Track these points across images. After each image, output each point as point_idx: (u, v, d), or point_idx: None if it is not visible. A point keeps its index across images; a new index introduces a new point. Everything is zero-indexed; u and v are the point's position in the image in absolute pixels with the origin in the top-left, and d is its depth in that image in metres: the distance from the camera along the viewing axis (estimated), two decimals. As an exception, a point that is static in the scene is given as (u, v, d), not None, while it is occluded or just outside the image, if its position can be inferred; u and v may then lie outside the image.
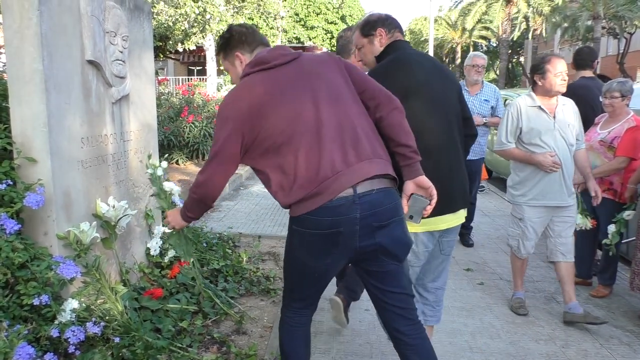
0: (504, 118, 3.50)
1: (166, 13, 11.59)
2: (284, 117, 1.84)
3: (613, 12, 23.46)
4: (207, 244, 3.89)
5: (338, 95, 1.91)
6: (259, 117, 1.84)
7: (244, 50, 2.06)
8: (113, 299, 2.42)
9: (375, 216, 1.82)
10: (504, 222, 6.14)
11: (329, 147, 1.82)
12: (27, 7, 2.14)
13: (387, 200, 1.86)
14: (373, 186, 1.83)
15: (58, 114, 2.28)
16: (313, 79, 1.91)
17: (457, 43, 40.17)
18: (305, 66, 1.94)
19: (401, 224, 1.91)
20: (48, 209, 2.24)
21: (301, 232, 1.88)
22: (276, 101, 1.85)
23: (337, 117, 1.86)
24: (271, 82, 1.89)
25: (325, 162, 1.80)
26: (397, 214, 1.89)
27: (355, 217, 1.80)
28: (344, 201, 1.79)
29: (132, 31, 2.95)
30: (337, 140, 1.83)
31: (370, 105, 1.98)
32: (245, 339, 2.86)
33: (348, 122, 1.87)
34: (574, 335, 3.23)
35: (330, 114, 1.86)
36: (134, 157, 3.05)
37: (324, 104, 1.87)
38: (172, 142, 8.52)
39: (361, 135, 1.87)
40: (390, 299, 2.00)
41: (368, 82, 2.02)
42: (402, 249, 1.94)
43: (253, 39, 2.07)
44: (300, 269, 1.98)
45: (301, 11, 28.42)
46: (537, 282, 4.14)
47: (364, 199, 1.80)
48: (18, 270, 2.09)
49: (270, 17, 16.72)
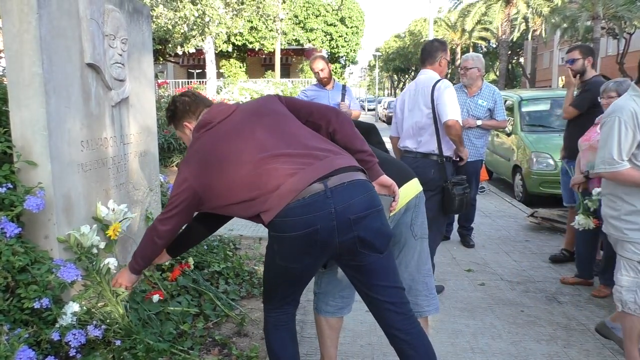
0: (612, 129, 2.55)
1: (165, 16, 11.61)
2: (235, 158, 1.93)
3: (612, 13, 23.49)
4: (207, 247, 3.89)
5: (276, 121, 2.01)
6: (209, 172, 1.96)
7: (190, 119, 2.18)
8: (114, 302, 2.42)
9: (350, 208, 1.82)
10: (504, 222, 6.14)
11: (286, 160, 1.87)
12: (27, 11, 2.15)
13: (359, 191, 1.87)
14: (343, 179, 1.84)
15: (58, 117, 2.28)
16: (251, 116, 2.04)
17: (456, 44, 40.21)
18: (243, 110, 2.08)
19: (379, 215, 1.91)
20: (48, 213, 2.24)
21: (279, 237, 1.87)
22: (224, 154, 1.95)
23: (286, 142, 1.93)
24: (220, 136, 2.01)
25: (286, 168, 1.85)
26: (373, 204, 1.89)
27: (331, 212, 1.79)
28: (316, 197, 1.79)
29: (131, 34, 2.95)
30: (291, 155, 1.89)
31: (322, 124, 2.08)
32: (246, 341, 2.86)
33: (293, 138, 1.95)
34: (575, 336, 3.22)
35: (277, 141, 1.93)
36: (134, 160, 3.05)
37: (266, 132, 1.96)
38: (172, 145, 8.52)
39: (310, 143, 1.95)
40: (378, 293, 1.99)
41: (310, 106, 2.16)
42: (381, 240, 1.92)
43: (196, 106, 2.18)
44: (282, 272, 1.99)
45: (300, 13, 28.43)
46: (538, 283, 4.14)
47: (336, 191, 1.81)
48: (18, 274, 2.09)
49: (269, 19, 16.74)
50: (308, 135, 2.00)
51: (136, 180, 3.09)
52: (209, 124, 2.05)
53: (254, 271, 3.81)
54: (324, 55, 6.18)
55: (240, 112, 2.08)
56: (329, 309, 2.44)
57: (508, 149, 8.05)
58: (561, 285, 4.09)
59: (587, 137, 3.89)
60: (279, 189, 1.82)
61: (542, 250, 5.04)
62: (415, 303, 2.44)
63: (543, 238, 5.49)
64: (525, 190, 7.35)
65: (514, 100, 8.24)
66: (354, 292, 2.47)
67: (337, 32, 29.94)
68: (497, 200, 7.49)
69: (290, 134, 1.97)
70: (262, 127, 1.98)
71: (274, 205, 1.82)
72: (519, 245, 5.21)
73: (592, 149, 3.73)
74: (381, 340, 3.17)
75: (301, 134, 1.99)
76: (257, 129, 1.97)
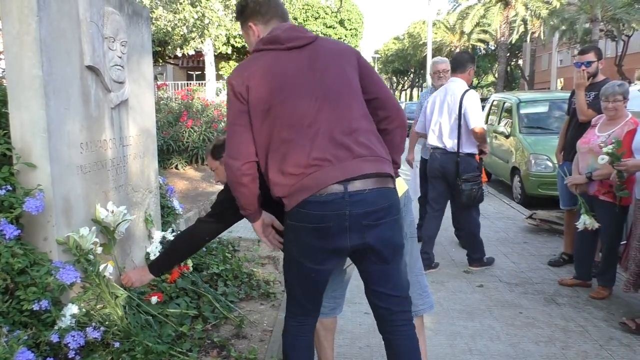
0: None
1: (165, 18, 11.61)
2: (282, 111, 1.85)
3: (611, 15, 23.53)
4: (206, 249, 3.89)
5: (340, 94, 1.90)
6: (258, 101, 1.86)
7: (258, 21, 2.03)
8: (113, 304, 2.42)
9: (366, 215, 1.82)
10: (503, 224, 6.15)
11: (322, 143, 1.83)
12: (27, 13, 2.15)
13: (380, 200, 1.85)
14: (366, 186, 1.82)
15: (57, 119, 2.29)
16: (320, 73, 1.89)
17: (455, 46, 40.23)
18: (317, 55, 1.92)
19: (393, 224, 1.90)
20: (47, 215, 2.24)
21: (293, 225, 1.90)
22: (275, 94, 1.86)
23: (335, 116, 1.86)
24: (278, 69, 1.88)
25: (315, 155, 1.82)
26: (390, 214, 1.87)
27: (345, 214, 1.80)
28: (333, 197, 1.79)
29: (130, 36, 2.96)
30: (331, 138, 1.84)
31: (380, 114, 1.99)
32: (245, 342, 2.86)
33: (345, 122, 1.87)
34: (573, 337, 3.23)
35: (328, 112, 1.86)
36: (133, 162, 3.06)
37: (324, 103, 1.86)
38: (171, 147, 8.52)
39: (357, 135, 1.87)
40: (375, 297, 2.01)
41: (381, 89, 2.01)
42: (390, 250, 1.91)
43: (268, 9, 2.02)
44: (296, 270, 1.99)
45: (300, 15, 28.45)
46: (536, 284, 4.15)
47: (355, 197, 1.80)
48: (18, 276, 2.09)
49: (268, 21, 16.69)
50: (358, 120, 1.90)
51: (135, 182, 3.09)
52: (278, 43, 1.91)
53: (253, 273, 3.81)
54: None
55: (314, 53, 1.91)
56: (322, 310, 2.44)
57: (506, 150, 8.06)
58: (559, 286, 4.10)
59: (586, 140, 3.90)
60: (301, 180, 1.81)
61: (541, 252, 5.05)
62: None
63: (541, 240, 5.50)
64: (524, 192, 7.37)
65: (512, 102, 8.26)
66: (344, 292, 2.49)
67: (336, 34, 29.94)
68: (496, 202, 7.50)
69: (343, 110, 1.88)
70: (324, 96, 1.87)
71: (293, 194, 1.84)
72: (518, 247, 5.22)
73: (592, 152, 3.74)
74: (380, 342, 3.16)
75: (352, 116, 1.89)
76: (320, 94, 1.87)
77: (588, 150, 3.78)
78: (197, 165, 8.94)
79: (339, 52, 1.97)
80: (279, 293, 3.56)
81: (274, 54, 1.91)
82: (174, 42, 12.77)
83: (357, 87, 1.94)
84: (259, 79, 1.87)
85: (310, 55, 1.91)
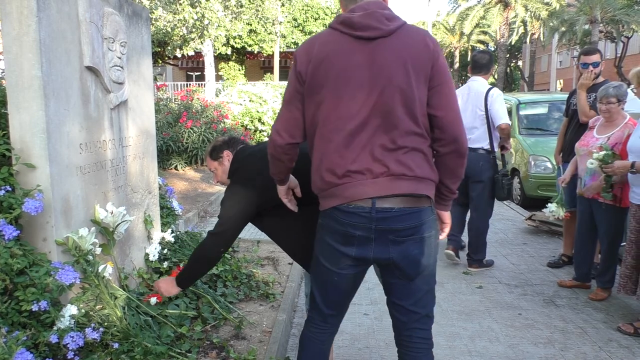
0: None
1: (164, 19, 11.61)
2: (330, 108, 1.79)
3: (610, 16, 23.57)
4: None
5: (391, 105, 1.74)
6: (313, 87, 1.80)
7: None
8: (112, 305, 2.42)
9: (391, 232, 1.79)
10: (502, 225, 6.15)
11: (360, 155, 1.77)
12: (26, 13, 2.15)
13: (408, 220, 1.79)
14: (395, 204, 1.76)
15: (57, 120, 2.29)
16: (377, 76, 1.74)
17: (455, 47, 40.29)
18: (382, 54, 1.74)
19: (420, 243, 1.83)
20: (47, 215, 2.24)
21: (322, 225, 1.92)
22: (329, 87, 1.78)
23: (381, 129, 1.76)
24: (340, 59, 1.76)
25: (350, 168, 1.78)
26: (417, 232, 1.81)
27: (371, 228, 1.79)
28: (360, 210, 1.78)
29: (130, 37, 2.96)
30: (371, 152, 1.76)
31: (435, 134, 1.81)
32: (244, 343, 2.86)
33: (390, 137, 1.76)
34: (572, 339, 3.23)
35: (374, 123, 1.75)
36: (132, 163, 3.06)
37: (373, 111, 1.75)
38: (170, 147, 8.52)
39: (400, 153, 1.76)
40: (398, 312, 1.98)
41: (444, 108, 1.78)
42: (414, 267, 1.85)
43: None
44: (318, 270, 2.00)
45: (299, 16, 28.43)
46: (535, 286, 4.15)
47: (381, 214, 1.77)
48: (17, 276, 2.09)
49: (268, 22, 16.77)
50: (406, 137, 1.76)
51: (135, 183, 3.09)
52: (350, 28, 1.76)
53: (252, 274, 3.81)
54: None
55: (385, 49, 1.74)
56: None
57: (506, 152, 8.06)
58: (559, 288, 4.10)
59: (584, 143, 3.90)
60: (333, 188, 1.81)
61: (540, 253, 5.05)
62: None
63: (541, 241, 5.50)
64: (523, 193, 7.37)
65: (512, 103, 8.26)
66: None
67: (336, 35, 29.93)
68: (495, 203, 7.49)
69: (391, 123, 1.75)
70: (374, 98, 1.74)
71: (325, 198, 1.86)
72: (517, 249, 5.22)
73: (591, 155, 3.74)
74: (379, 343, 3.17)
75: (400, 131, 1.75)
76: (368, 95, 1.74)
77: (587, 152, 3.78)
78: (197, 166, 8.95)
79: (412, 54, 1.74)
80: (278, 294, 3.56)
81: (343, 38, 1.77)
82: (174, 42, 12.77)
83: (415, 99, 1.75)
84: (319, 63, 1.78)
85: (375, 52, 1.74)
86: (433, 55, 1.76)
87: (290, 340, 3.22)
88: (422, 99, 1.76)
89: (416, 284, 1.90)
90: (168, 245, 3.38)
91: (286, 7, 17.95)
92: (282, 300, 3.47)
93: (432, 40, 1.79)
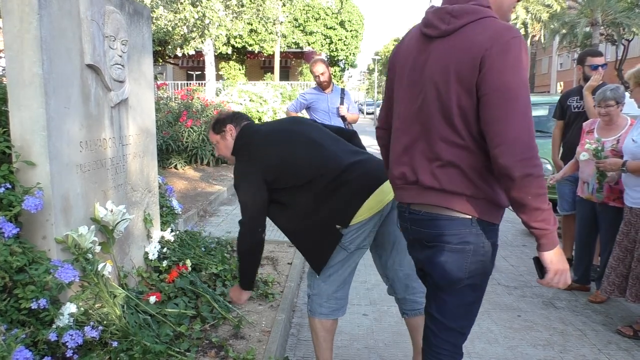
0: None
1: (165, 18, 11.61)
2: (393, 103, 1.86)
3: (611, 19, 23.59)
4: (205, 249, 3.89)
5: (430, 113, 1.65)
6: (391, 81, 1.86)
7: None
8: (111, 303, 2.42)
9: (421, 234, 1.79)
10: (502, 227, 6.14)
11: (402, 155, 1.79)
12: (28, 11, 2.15)
13: (431, 227, 1.73)
14: (422, 208, 1.76)
15: (57, 117, 2.29)
16: (422, 79, 1.67)
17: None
18: (435, 56, 1.63)
19: (447, 253, 1.71)
20: (47, 213, 2.24)
21: None
22: (394, 83, 1.84)
23: (422, 135, 1.70)
24: (405, 56, 1.76)
25: (392, 171, 1.85)
26: (443, 242, 1.71)
27: (407, 227, 1.85)
28: (400, 209, 1.88)
29: (131, 36, 2.96)
30: (412, 155, 1.74)
31: (489, 146, 1.57)
32: (243, 343, 2.85)
33: (429, 146, 1.68)
34: (572, 341, 3.23)
35: (418, 127, 1.70)
36: (132, 161, 3.05)
37: (418, 114, 1.69)
38: (170, 146, 8.52)
39: (436, 164, 1.66)
40: (429, 319, 1.89)
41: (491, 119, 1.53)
42: (440, 276, 1.75)
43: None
44: None
45: (300, 16, 28.47)
46: (535, 288, 4.15)
47: (412, 215, 1.80)
48: (16, 274, 2.09)
49: (269, 22, 16.76)
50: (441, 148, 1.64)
51: (135, 181, 3.09)
52: (422, 24, 1.72)
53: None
54: (324, 59, 6.21)
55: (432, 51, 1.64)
56: (323, 311, 2.44)
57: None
58: (558, 290, 4.10)
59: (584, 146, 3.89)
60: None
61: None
62: (414, 301, 2.46)
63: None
64: (523, 195, 7.35)
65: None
66: (347, 294, 2.48)
67: (336, 35, 29.97)
68: (495, 205, 7.50)
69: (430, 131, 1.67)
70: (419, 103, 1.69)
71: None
72: (517, 250, 5.22)
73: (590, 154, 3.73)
74: (378, 343, 3.17)
75: (435, 141, 1.66)
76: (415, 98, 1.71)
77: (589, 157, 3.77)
78: (197, 165, 8.95)
79: (458, 58, 1.57)
80: (277, 294, 3.56)
81: (418, 34, 1.73)
82: (174, 41, 12.79)
83: (452, 107, 1.59)
84: (397, 56, 1.81)
85: (431, 53, 1.65)
86: (483, 59, 1.51)
87: (289, 340, 3.21)
88: (464, 108, 1.58)
89: (445, 294, 1.78)
90: (167, 244, 3.38)
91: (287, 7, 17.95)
92: (281, 300, 3.46)
93: (497, 41, 1.51)
